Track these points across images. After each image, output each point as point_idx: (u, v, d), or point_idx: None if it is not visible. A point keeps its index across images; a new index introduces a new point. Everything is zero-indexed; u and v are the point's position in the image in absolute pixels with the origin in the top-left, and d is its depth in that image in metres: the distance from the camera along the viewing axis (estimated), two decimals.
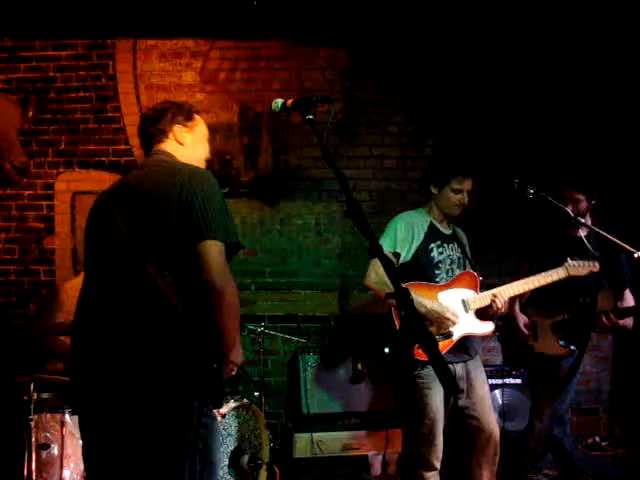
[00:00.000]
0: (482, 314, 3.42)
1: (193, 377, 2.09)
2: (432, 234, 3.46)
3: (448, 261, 3.47)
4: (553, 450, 4.06)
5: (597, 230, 3.51)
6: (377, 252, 1.83)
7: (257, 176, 5.21)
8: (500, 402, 4.66)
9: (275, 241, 5.20)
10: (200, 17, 5.07)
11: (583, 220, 3.60)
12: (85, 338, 2.22)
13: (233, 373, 2.27)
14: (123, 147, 5.14)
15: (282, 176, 5.20)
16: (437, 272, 3.42)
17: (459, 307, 3.37)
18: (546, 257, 3.80)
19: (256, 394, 4.24)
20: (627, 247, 3.25)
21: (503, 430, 4.40)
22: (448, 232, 3.53)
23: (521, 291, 3.47)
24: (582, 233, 3.74)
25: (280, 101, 2.22)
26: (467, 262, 3.55)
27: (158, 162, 2.36)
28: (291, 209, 5.21)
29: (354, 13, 5.06)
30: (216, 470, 2.22)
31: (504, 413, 4.57)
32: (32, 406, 3.44)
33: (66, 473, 3.48)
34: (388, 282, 1.87)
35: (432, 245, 3.42)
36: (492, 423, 3.37)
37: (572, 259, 3.47)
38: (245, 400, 3.79)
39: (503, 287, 3.42)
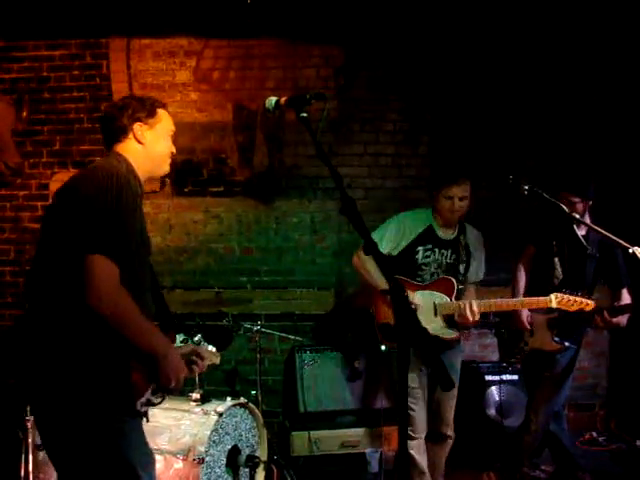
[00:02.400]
0: (451, 320, 3.56)
1: (91, 383, 2.10)
2: (425, 237, 3.61)
3: (434, 265, 3.62)
4: (550, 446, 4.08)
5: (592, 227, 3.52)
6: (372, 249, 1.83)
7: (252, 175, 5.20)
8: (497, 398, 4.67)
9: (271, 240, 5.20)
10: (194, 16, 5.06)
11: (578, 216, 3.60)
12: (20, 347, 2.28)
13: (170, 384, 2.20)
14: None
15: (277, 174, 5.20)
16: (420, 273, 3.60)
17: (430, 309, 3.52)
18: (545, 251, 3.83)
19: (253, 393, 4.24)
20: (622, 242, 3.26)
21: (501, 426, 4.43)
22: (448, 237, 3.64)
23: (495, 309, 3.59)
24: (579, 231, 3.75)
25: (274, 99, 2.22)
26: (459, 269, 3.62)
27: (94, 165, 2.33)
28: (286, 207, 5.20)
29: (348, 11, 5.05)
30: (136, 472, 2.18)
31: (501, 409, 4.58)
32: (28, 407, 3.43)
33: None
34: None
35: (419, 247, 3.60)
36: (449, 412, 3.66)
37: (564, 292, 3.48)
38: (242, 399, 3.78)
39: (481, 301, 3.52)
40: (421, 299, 3.56)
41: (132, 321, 2.12)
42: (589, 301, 3.47)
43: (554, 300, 3.45)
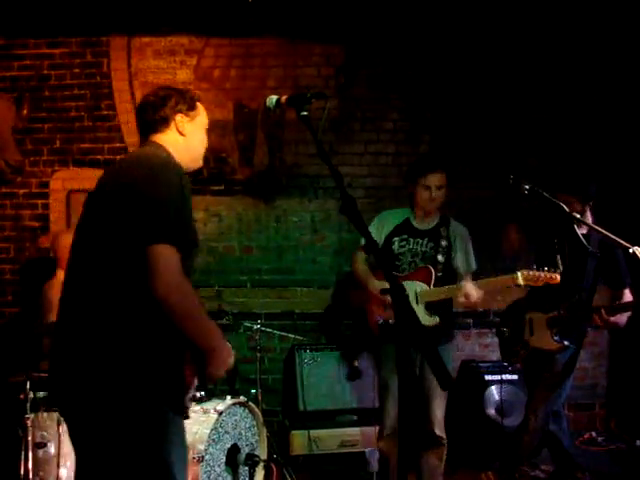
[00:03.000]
0: (431, 308, 3.62)
1: (146, 379, 2.05)
2: (401, 228, 3.74)
3: (410, 254, 3.71)
4: (550, 445, 4.07)
5: (592, 226, 3.51)
6: (373, 248, 1.83)
7: (252, 173, 5.20)
8: (497, 398, 4.67)
9: (271, 238, 5.20)
10: (194, 14, 5.06)
11: (578, 216, 3.60)
12: (56, 341, 2.19)
13: (219, 375, 2.18)
14: (118, 145, 5.13)
15: (277, 173, 5.20)
16: (398, 263, 3.71)
17: (411, 299, 3.58)
18: (546, 249, 3.83)
19: (253, 391, 4.24)
20: (622, 242, 3.25)
21: (500, 426, 4.43)
22: (425, 227, 3.75)
23: (453, 295, 3.60)
24: (580, 230, 3.74)
25: (274, 98, 2.22)
26: (437, 259, 3.67)
27: (142, 154, 2.29)
28: (287, 206, 5.20)
29: (349, 10, 5.05)
30: (181, 467, 2.15)
31: (501, 409, 4.58)
32: (28, 405, 3.43)
33: (63, 472, 3.47)
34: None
35: (395, 238, 3.73)
36: (438, 411, 3.63)
37: (529, 269, 3.48)
38: (242, 397, 3.78)
39: (453, 285, 3.60)
40: None
41: (196, 312, 2.12)
42: (555, 275, 3.46)
43: (520, 277, 3.46)
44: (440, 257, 3.67)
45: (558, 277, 3.47)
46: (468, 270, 3.75)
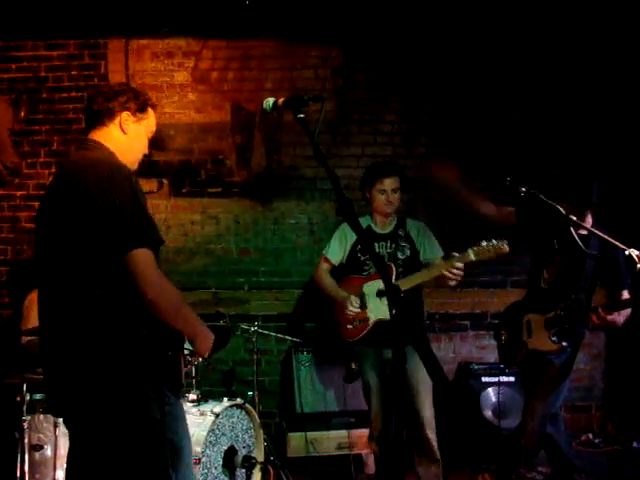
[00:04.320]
0: (394, 300, 3.61)
1: (145, 371, 2.12)
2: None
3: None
4: (547, 448, 4.07)
5: (590, 229, 3.52)
6: (368, 249, 1.83)
7: (250, 175, 5.20)
8: (495, 400, 4.67)
9: (268, 241, 5.20)
10: (192, 17, 5.06)
11: (575, 218, 3.60)
12: (42, 347, 2.25)
13: (205, 354, 2.29)
14: None
15: (275, 175, 5.20)
16: (365, 268, 3.83)
17: (375, 296, 3.70)
18: (545, 249, 3.84)
19: (250, 393, 4.24)
20: (620, 245, 3.25)
21: (497, 428, 4.44)
22: (384, 231, 3.87)
23: (427, 279, 3.66)
24: (581, 231, 3.73)
25: (271, 100, 2.22)
26: (397, 256, 3.78)
27: (82, 161, 2.26)
28: (284, 208, 5.20)
29: (346, 12, 5.05)
30: (186, 455, 2.26)
31: (498, 411, 4.58)
32: (25, 407, 3.43)
33: (59, 474, 3.47)
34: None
35: (359, 246, 3.83)
36: (424, 410, 3.68)
37: (478, 244, 3.52)
38: (239, 399, 3.78)
39: (424, 269, 3.69)
40: (368, 289, 3.76)
41: (182, 306, 2.19)
42: (503, 244, 3.49)
43: (472, 253, 3.51)
44: (400, 254, 3.79)
45: (507, 247, 3.51)
46: (438, 256, 3.82)
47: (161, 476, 2.14)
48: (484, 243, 3.51)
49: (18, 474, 3.39)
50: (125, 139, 2.36)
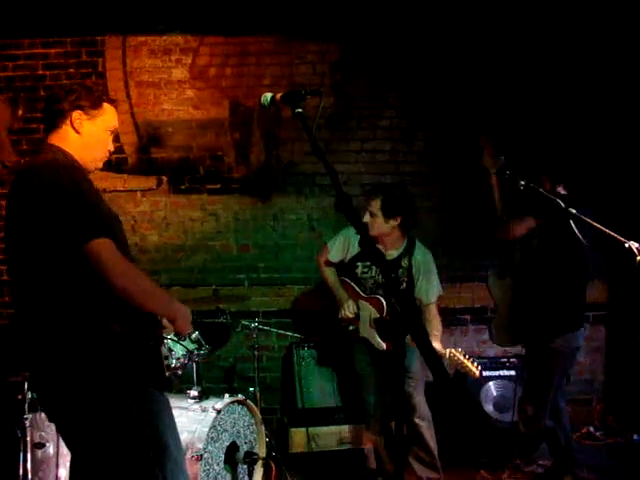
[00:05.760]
0: (382, 333, 3.73)
1: (120, 369, 2.11)
2: (366, 254, 3.71)
3: (371, 281, 3.85)
4: (547, 440, 4.08)
5: (589, 221, 3.51)
6: (368, 245, 1.83)
7: (249, 172, 5.20)
8: (494, 393, 4.68)
9: (268, 237, 5.20)
10: (189, 13, 5.05)
11: (574, 211, 3.59)
12: (21, 345, 2.28)
13: (187, 332, 2.36)
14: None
15: (274, 171, 5.20)
16: (362, 281, 3.89)
17: (366, 320, 3.79)
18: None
19: (251, 389, 4.24)
20: (618, 237, 3.25)
21: (498, 421, 4.45)
22: (388, 258, 3.79)
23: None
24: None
25: (269, 95, 2.22)
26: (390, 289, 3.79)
27: (30, 165, 2.32)
28: (284, 204, 5.20)
29: (344, 7, 5.04)
30: (173, 452, 2.20)
31: (498, 405, 4.59)
32: (26, 405, 3.43)
33: (62, 472, 3.47)
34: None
35: (359, 263, 3.89)
36: (416, 395, 3.77)
37: (458, 352, 3.62)
38: (240, 395, 3.78)
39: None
40: (363, 310, 3.83)
41: (153, 289, 2.19)
42: (476, 371, 3.58)
43: (448, 353, 3.60)
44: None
45: (477, 374, 3.57)
46: (427, 302, 3.84)
47: (146, 475, 2.11)
48: (463, 357, 3.57)
49: (20, 472, 3.39)
50: (79, 138, 2.34)
